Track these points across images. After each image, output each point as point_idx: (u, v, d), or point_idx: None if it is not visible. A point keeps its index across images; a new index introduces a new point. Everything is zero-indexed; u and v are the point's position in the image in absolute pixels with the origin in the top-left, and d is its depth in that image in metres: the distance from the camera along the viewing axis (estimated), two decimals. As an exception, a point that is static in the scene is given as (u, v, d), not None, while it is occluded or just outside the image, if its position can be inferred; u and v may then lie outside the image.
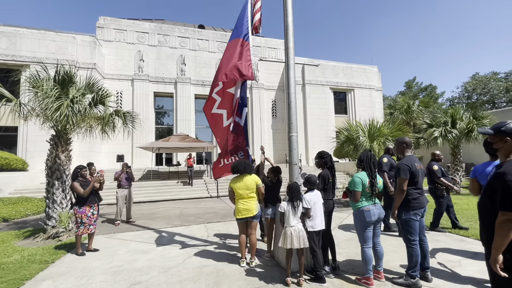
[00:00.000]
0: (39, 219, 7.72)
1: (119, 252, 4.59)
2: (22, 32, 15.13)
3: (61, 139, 6.11)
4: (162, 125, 20.50)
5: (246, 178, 3.88)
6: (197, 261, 4.04)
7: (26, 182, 12.33)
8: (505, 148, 1.81)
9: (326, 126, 21.24)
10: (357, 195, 3.13)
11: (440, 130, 11.43)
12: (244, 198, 3.85)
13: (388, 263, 3.73)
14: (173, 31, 20.24)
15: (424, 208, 3.17)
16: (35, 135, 13.93)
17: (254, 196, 3.88)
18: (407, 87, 40.11)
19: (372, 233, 3.19)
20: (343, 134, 9.46)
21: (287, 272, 3.26)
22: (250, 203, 3.84)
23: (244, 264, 3.82)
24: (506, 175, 1.68)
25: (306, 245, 3.15)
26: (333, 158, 3.84)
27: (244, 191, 3.83)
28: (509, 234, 1.68)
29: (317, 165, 3.84)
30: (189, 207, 9.61)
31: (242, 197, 3.85)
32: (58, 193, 5.92)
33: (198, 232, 5.87)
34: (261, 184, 3.98)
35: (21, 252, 4.67)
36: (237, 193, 3.87)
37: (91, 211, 4.72)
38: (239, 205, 3.87)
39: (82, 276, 3.62)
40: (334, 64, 22.72)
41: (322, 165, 3.78)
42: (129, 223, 6.98)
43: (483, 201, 1.89)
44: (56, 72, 5.72)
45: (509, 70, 34.77)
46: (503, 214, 1.69)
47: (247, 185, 3.84)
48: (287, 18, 3.94)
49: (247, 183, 3.85)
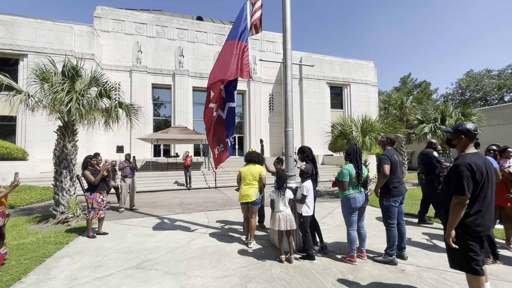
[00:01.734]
0: (44, 206, 8.06)
1: (127, 236, 4.98)
2: (19, 21, 15.03)
3: (68, 130, 6.39)
4: (160, 116, 20.68)
5: (254, 166, 4.42)
6: (200, 243, 4.46)
7: (27, 171, 12.55)
8: (461, 144, 2.22)
9: (322, 120, 21.67)
10: (345, 184, 3.55)
11: (430, 126, 11.93)
12: (247, 183, 4.34)
13: (372, 245, 4.19)
14: (171, 23, 20.19)
15: (403, 196, 3.61)
16: (34, 124, 14.09)
17: (255, 184, 4.36)
18: (402, 83, 40.63)
19: (357, 217, 3.63)
20: (337, 129, 9.86)
21: (280, 251, 3.69)
22: (250, 190, 4.30)
23: (251, 245, 4.25)
24: (459, 166, 2.10)
25: (293, 227, 3.60)
26: (313, 151, 4.27)
27: (248, 176, 4.34)
28: (459, 214, 2.11)
29: (301, 159, 4.29)
30: (189, 196, 10.01)
31: (245, 181, 4.36)
32: (66, 181, 6.25)
33: (199, 218, 6.28)
34: (264, 175, 4.44)
35: (35, 234, 5.03)
36: (242, 177, 4.40)
37: (101, 197, 5.09)
38: (241, 191, 4.38)
39: (97, 254, 4.01)
40: (331, 59, 22.98)
41: (304, 159, 4.18)
42: (133, 210, 7.36)
43: (443, 188, 2.31)
44: (64, 66, 5.95)
45: (502, 67, 35.40)
46: (455, 197, 2.11)
47: (252, 172, 4.36)
48: (286, 22, 4.26)
49: (253, 170, 4.37)
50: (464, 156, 2.15)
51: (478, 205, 2.11)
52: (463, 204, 2.06)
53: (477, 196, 2.10)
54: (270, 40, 22.83)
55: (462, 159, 2.13)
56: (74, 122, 6.36)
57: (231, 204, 8.11)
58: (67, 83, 5.67)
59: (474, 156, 2.12)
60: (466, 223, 2.12)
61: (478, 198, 2.11)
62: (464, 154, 2.17)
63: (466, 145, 2.20)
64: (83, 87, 5.87)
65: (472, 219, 2.11)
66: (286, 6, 4.30)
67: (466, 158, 2.10)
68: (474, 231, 2.10)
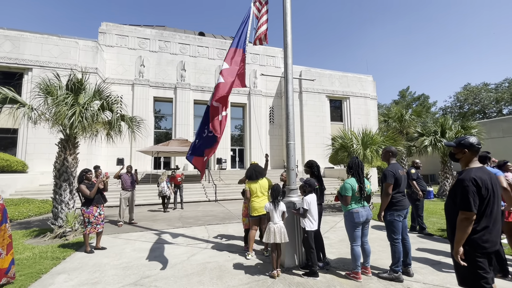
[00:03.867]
0: (42, 220, 7.94)
1: (126, 250, 4.88)
2: (26, 36, 15.42)
3: (69, 142, 6.41)
4: (160, 129, 20.78)
5: (261, 180, 4.55)
6: (201, 258, 4.36)
7: (26, 184, 12.48)
8: (464, 158, 2.21)
9: (322, 133, 21.75)
10: (348, 199, 3.51)
11: (430, 139, 11.95)
12: (259, 197, 4.44)
13: (376, 261, 4.09)
14: (174, 38, 20.71)
15: (407, 210, 3.56)
16: (35, 137, 14.12)
17: (266, 196, 4.46)
18: (401, 96, 41.12)
19: (361, 232, 3.56)
20: (338, 142, 9.88)
21: (273, 266, 3.61)
22: (264, 202, 4.33)
23: (249, 256, 4.29)
24: (464, 181, 2.08)
25: (286, 240, 3.60)
26: (320, 168, 4.32)
27: (259, 189, 4.47)
28: (467, 230, 2.07)
29: (306, 172, 4.34)
30: (188, 210, 9.88)
31: (256, 195, 4.46)
32: (66, 194, 6.19)
33: (199, 233, 6.17)
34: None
35: (31, 249, 4.92)
36: (252, 192, 4.48)
37: (98, 211, 5.02)
38: (254, 204, 4.42)
39: (94, 270, 3.91)
40: (330, 73, 23.37)
41: (310, 173, 4.20)
42: (132, 224, 7.24)
43: (448, 203, 2.27)
44: (68, 80, 6.05)
45: (499, 81, 35.92)
46: (462, 213, 2.08)
47: (262, 185, 4.51)
48: (287, 38, 4.37)
49: (262, 184, 4.52)
50: (469, 171, 2.13)
51: (485, 220, 2.07)
52: (470, 220, 2.02)
53: (483, 212, 2.07)
54: (271, 54, 23.31)
55: (467, 174, 2.11)
56: (76, 135, 6.38)
57: (232, 218, 7.99)
58: (71, 96, 5.74)
59: (479, 171, 2.10)
60: (474, 239, 2.07)
61: (484, 213, 2.07)
62: (469, 169, 2.16)
63: (470, 159, 2.19)
64: (86, 100, 5.93)
65: (480, 235, 2.06)
66: (287, 23, 4.42)
67: (471, 173, 2.08)
68: (481, 247, 2.06)
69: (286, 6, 4.50)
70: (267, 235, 3.63)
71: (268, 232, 3.62)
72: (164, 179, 9.63)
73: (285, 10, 4.49)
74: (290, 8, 4.54)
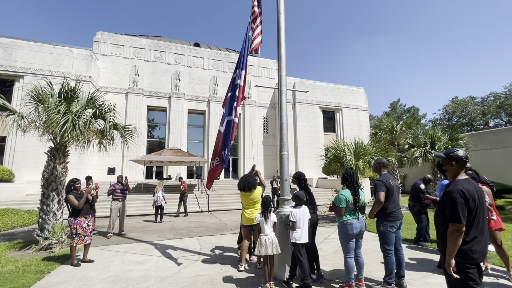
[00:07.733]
0: (27, 231, 7.64)
1: (114, 263, 4.72)
2: (19, 44, 15.32)
3: (59, 151, 6.28)
4: (153, 138, 20.60)
5: (253, 191, 4.52)
6: (192, 271, 4.25)
7: (12, 193, 12.07)
8: (452, 170, 2.27)
9: (315, 143, 21.93)
10: (342, 211, 3.51)
11: (421, 151, 12.19)
12: (250, 208, 4.46)
13: (370, 273, 4.07)
14: (169, 48, 20.90)
15: (400, 221, 3.59)
16: (23, 145, 13.79)
17: (258, 207, 4.46)
18: (392, 108, 42.10)
19: (354, 244, 3.55)
20: (331, 152, 9.97)
21: (265, 278, 3.55)
22: (255, 212, 4.34)
23: (242, 268, 4.23)
24: (452, 193, 2.12)
25: (278, 251, 3.58)
26: (307, 180, 4.37)
27: (250, 201, 4.50)
28: (457, 241, 2.09)
29: (293, 182, 4.41)
30: (180, 221, 9.69)
31: (247, 206, 4.51)
32: (53, 205, 6.01)
33: (191, 244, 6.04)
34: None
35: (14, 262, 4.71)
36: (244, 203, 4.53)
37: (86, 222, 4.87)
38: (246, 215, 4.44)
39: (80, 285, 3.76)
40: (323, 85, 23.83)
41: (297, 184, 4.26)
42: (121, 235, 7.04)
43: (437, 214, 2.31)
44: (61, 88, 5.99)
45: (484, 95, 37.24)
46: (452, 225, 2.11)
47: (253, 196, 4.51)
48: (281, 50, 4.48)
49: (254, 195, 4.52)
50: (456, 183, 2.18)
51: (474, 231, 2.11)
52: (460, 232, 2.06)
53: (471, 222, 2.11)
54: (265, 66, 23.71)
55: (454, 186, 2.16)
56: (67, 143, 6.27)
57: (224, 229, 7.87)
58: (63, 104, 5.68)
59: (465, 183, 2.16)
60: (463, 250, 2.10)
61: (473, 224, 2.11)
62: (456, 180, 2.21)
63: (458, 172, 2.25)
64: (79, 108, 5.88)
65: (469, 246, 2.09)
66: (281, 36, 4.54)
67: (458, 185, 2.13)
68: (471, 258, 2.08)
69: (280, 20, 4.64)
70: (258, 247, 3.59)
71: (259, 244, 3.58)
72: (159, 188, 9.51)
73: (279, 24, 4.62)
74: (284, 23, 4.67)
